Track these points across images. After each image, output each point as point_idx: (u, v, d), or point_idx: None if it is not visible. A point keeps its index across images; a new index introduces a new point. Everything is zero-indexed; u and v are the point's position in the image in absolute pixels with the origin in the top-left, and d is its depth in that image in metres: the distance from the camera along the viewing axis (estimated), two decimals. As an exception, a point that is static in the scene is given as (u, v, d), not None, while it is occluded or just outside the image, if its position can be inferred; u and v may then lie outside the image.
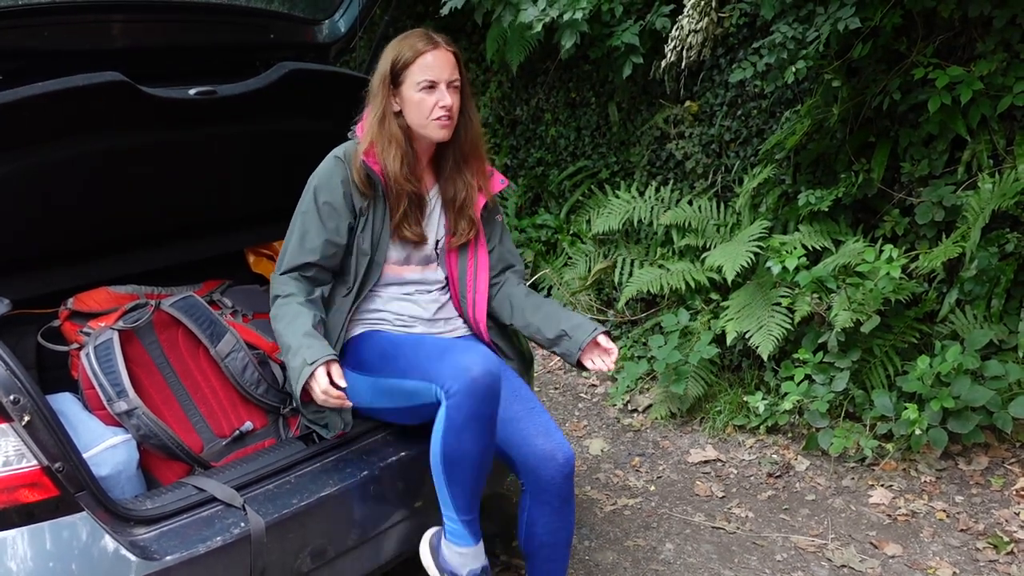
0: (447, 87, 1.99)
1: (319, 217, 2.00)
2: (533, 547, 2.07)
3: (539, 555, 2.07)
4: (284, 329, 1.92)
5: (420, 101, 1.98)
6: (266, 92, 2.27)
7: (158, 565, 1.59)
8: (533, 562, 2.09)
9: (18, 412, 1.52)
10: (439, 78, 1.97)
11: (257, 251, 2.74)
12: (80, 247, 2.32)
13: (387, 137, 2.01)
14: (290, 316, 1.93)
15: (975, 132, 2.99)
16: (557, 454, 1.99)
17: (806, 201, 3.24)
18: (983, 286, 2.98)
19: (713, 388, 3.43)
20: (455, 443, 1.81)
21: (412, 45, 1.99)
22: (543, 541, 2.05)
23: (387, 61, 2.01)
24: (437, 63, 1.98)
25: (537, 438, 2.00)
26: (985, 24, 2.97)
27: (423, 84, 1.97)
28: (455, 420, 1.79)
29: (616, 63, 3.70)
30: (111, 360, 1.98)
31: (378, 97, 2.03)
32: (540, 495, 2.01)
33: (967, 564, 2.51)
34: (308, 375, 1.81)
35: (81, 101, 1.96)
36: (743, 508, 2.86)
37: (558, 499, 2.01)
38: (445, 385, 1.81)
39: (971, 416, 2.82)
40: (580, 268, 4.08)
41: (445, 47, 2.00)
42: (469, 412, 1.78)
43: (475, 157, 2.13)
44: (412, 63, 1.98)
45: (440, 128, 2.00)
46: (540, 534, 2.04)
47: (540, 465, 1.99)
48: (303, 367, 1.83)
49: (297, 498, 1.83)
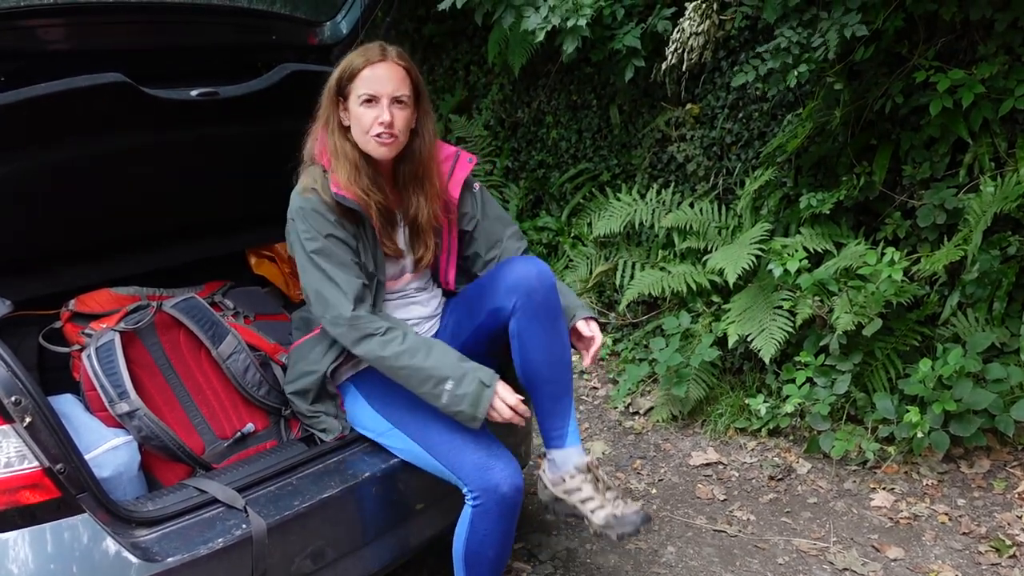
0: (390, 102, 1.90)
1: (335, 251, 1.92)
2: (531, 371, 2.00)
3: (539, 377, 2.00)
4: (424, 362, 1.84)
5: (360, 116, 1.91)
6: (268, 93, 2.27)
7: (159, 567, 1.59)
8: (537, 390, 2.02)
9: (20, 413, 1.52)
10: (380, 92, 1.90)
11: (258, 252, 2.74)
12: (82, 248, 2.32)
13: (339, 154, 1.94)
14: (418, 346, 1.86)
15: (977, 135, 2.99)
16: (532, 267, 1.98)
17: (807, 204, 3.24)
18: (985, 289, 2.98)
19: (714, 391, 3.43)
20: (478, 547, 1.91)
21: (359, 57, 1.92)
22: (540, 359, 1.98)
23: (335, 74, 1.95)
24: (381, 76, 1.90)
25: (515, 263, 2.02)
26: (987, 27, 2.97)
27: (364, 98, 1.90)
28: (479, 528, 1.90)
29: (618, 66, 3.70)
30: (113, 361, 1.98)
31: (324, 111, 1.97)
32: (529, 311, 1.96)
33: (969, 567, 2.51)
34: (492, 396, 1.83)
35: (83, 102, 1.96)
36: (745, 511, 2.85)
37: (545, 311, 1.96)
38: (471, 486, 1.88)
39: (973, 419, 2.82)
40: (581, 271, 4.08)
41: (395, 60, 1.93)
42: (495, 523, 1.89)
43: (428, 178, 2.04)
44: (357, 75, 1.91)
45: (379, 146, 1.92)
46: (535, 356, 1.98)
47: (520, 281, 1.97)
48: (481, 390, 1.82)
49: (299, 500, 1.82)
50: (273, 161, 2.55)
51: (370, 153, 1.95)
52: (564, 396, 2.01)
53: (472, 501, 1.88)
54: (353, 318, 1.88)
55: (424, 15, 4.93)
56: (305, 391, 2.05)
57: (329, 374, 2.03)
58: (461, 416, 1.84)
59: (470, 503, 1.89)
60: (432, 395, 1.85)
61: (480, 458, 1.88)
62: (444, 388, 1.83)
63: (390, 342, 1.87)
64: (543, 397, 2.01)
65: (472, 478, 1.87)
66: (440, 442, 1.91)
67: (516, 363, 2.01)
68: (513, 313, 1.97)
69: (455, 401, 1.83)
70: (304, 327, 2.14)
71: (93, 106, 2.00)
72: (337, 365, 2.03)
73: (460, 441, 1.90)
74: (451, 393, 1.83)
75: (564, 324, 2.01)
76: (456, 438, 1.90)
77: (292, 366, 2.10)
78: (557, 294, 1.99)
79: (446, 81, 5.10)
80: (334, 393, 2.08)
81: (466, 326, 2.11)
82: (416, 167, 2.03)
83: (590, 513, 1.94)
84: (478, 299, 2.07)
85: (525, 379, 2.02)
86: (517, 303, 1.96)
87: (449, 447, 1.90)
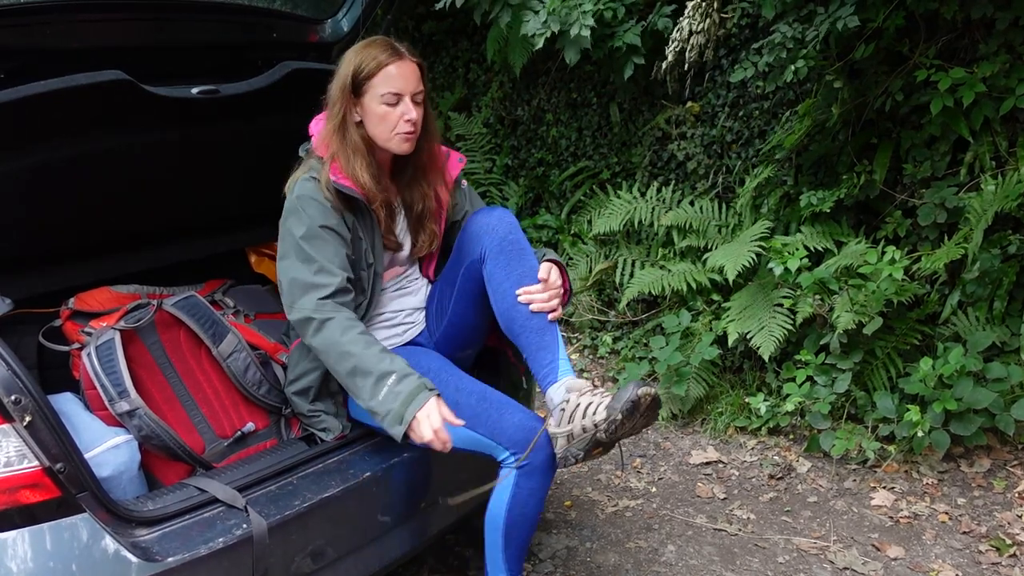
0: (411, 100, 1.93)
1: (327, 239, 1.91)
2: (509, 308, 1.97)
3: (519, 313, 1.96)
4: (364, 351, 1.82)
5: (384, 115, 1.93)
6: (269, 91, 2.27)
7: (159, 566, 1.58)
8: (520, 331, 1.97)
9: (19, 412, 1.51)
10: (404, 91, 1.92)
11: (259, 251, 2.73)
12: (82, 246, 2.32)
13: (351, 148, 1.95)
14: (364, 340, 1.84)
15: (977, 134, 2.99)
16: (492, 212, 2.03)
17: (808, 202, 3.24)
18: (985, 288, 2.98)
19: (714, 389, 3.43)
20: (519, 512, 1.91)
21: (375, 55, 1.92)
22: (515, 293, 1.96)
23: (348, 69, 1.94)
24: (402, 75, 1.92)
25: (475, 215, 2.06)
26: (988, 26, 2.97)
27: (387, 97, 1.92)
28: (524, 487, 1.89)
29: (618, 64, 3.69)
30: (113, 360, 1.97)
31: (337, 106, 1.96)
32: (494, 249, 1.98)
33: (970, 567, 2.51)
34: (424, 402, 1.77)
35: (84, 99, 1.96)
36: (745, 510, 2.85)
37: (511, 245, 1.98)
38: (516, 448, 1.88)
39: (973, 418, 2.82)
40: (581, 269, 4.08)
41: (410, 58, 1.95)
42: (540, 480, 1.90)
43: (433, 169, 2.09)
44: (376, 74, 1.91)
45: (403, 142, 1.96)
46: (510, 290, 1.97)
47: (482, 225, 2.00)
48: (420, 391, 1.78)
49: (299, 499, 1.82)
50: (274, 159, 2.54)
51: (392, 150, 1.98)
52: (548, 329, 1.97)
53: (515, 463, 1.88)
54: (320, 303, 1.86)
55: (424, 12, 4.91)
56: (306, 389, 2.05)
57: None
58: (388, 417, 1.78)
59: (514, 467, 1.88)
60: (370, 388, 1.80)
61: (520, 419, 1.89)
62: (386, 383, 1.79)
63: (349, 329, 1.84)
64: (528, 333, 1.96)
65: (517, 439, 1.87)
66: (475, 415, 1.90)
67: (496, 310, 2.00)
68: (484, 260, 1.99)
69: (390, 397, 1.78)
70: None
71: (93, 103, 1.99)
72: None
73: (495, 409, 1.91)
74: (390, 389, 1.79)
75: (535, 260, 2.01)
76: (489, 407, 1.91)
77: (294, 366, 2.09)
78: (521, 232, 2.02)
79: (446, 79, 5.09)
80: (335, 391, 2.07)
81: (447, 297, 2.11)
82: (424, 157, 2.06)
83: (592, 415, 1.81)
84: (452, 267, 2.10)
85: (506, 323, 1.99)
86: (484, 247, 1.99)
87: (487, 417, 1.90)
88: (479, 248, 2.00)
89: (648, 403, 1.80)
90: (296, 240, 1.90)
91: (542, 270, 1.99)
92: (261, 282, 2.68)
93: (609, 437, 1.81)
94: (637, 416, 1.79)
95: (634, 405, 1.78)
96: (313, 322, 1.86)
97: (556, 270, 2.02)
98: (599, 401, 1.82)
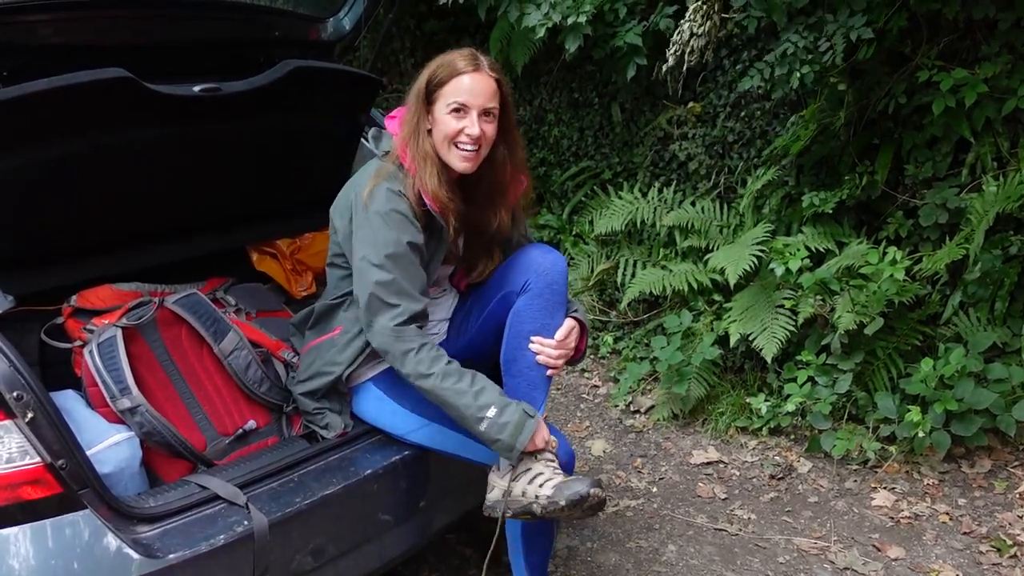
0: (479, 115, 1.87)
1: (412, 260, 1.87)
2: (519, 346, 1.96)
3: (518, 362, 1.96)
4: (470, 386, 1.81)
5: (446, 124, 1.88)
6: (270, 89, 2.26)
7: (161, 563, 1.59)
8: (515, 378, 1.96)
9: (21, 408, 1.52)
10: (471, 103, 1.86)
11: (260, 249, 2.73)
12: (83, 244, 2.31)
13: (421, 155, 1.90)
14: (462, 370, 1.83)
15: (979, 135, 2.99)
16: (549, 254, 2.01)
17: (809, 203, 3.24)
18: (987, 289, 2.98)
19: (715, 389, 3.43)
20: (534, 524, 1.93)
21: (451, 63, 1.88)
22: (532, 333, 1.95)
23: (424, 76, 1.91)
24: (473, 87, 1.86)
25: (531, 249, 2.03)
26: (990, 27, 2.97)
27: (453, 106, 1.86)
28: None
29: (619, 64, 3.69)
30: (114, 357, 1.97)
31: (411, 112, 1.93)
32: (536, 289, 1.96)
33: (970, 567, 2.51)
34: (535, 426, 1.80)
35: (85, 97, 1.96)
36: (745, 510, 2.85)
37: (551, 293, 1.96)
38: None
39: (974, 419, 2.82)
40: (583, 269, 4.08)
41: (487, 72, 1.88)
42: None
43: (504, 192, 2.02)
44: (447, 82, 1.87)
45: (462, 160, 1.89)
46: (528, 328, 1.96)
47: (535, 262, 1.98)
48: (524, 419, 1.80)
49: (300, 497, 1.82)
50: (275, 157, 2.56)
51: (448, 163, 1.92)
52: (540, 386, 1.97)
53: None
54: (399, 330, 1.83)
55: (426, 11, 4.91)
56: (316, 391, 2.05)
57: (345, 377, 2.01)
58: (499, 445, 1.81)
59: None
60: (471, 419, 1.80)
61: None
62: (486, 415, 1.79)
63: (437, 360, 1.82)
64: (520, 381, 1.96)
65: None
66: None
67: (505, 340, 1.98)
68: (523, 292, 1.97)
69: (496, 429, 1.79)
70: (320, 328, 2.11)
71: (95, 101, 1.99)
72: (355, 368, 2.01)
73: None
74: (492, 420, 1.79)
75: (564, 316, 2.00)
76: None
77: (307, 367, 2.08)
78: (566, 284, 2.00)
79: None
80: (343, 391, 2.07)
81: (475, 317, 2.10)
82: (495, 179, 2.00)
83: (539, 487, 1.82)
84: (490, 287, 2.07)
85: (508, 358, 1.97)
86: (529, 282, 1.96)
87: None
88: (522, 281, 1.97)
89: (594, 503, 1.81)
90: (382, 256, 1.85)
91: (563, 329, 1.97)
92: (262, 280, 2.68)
93: (543, 513, 1.82)
94: (578, 510, 1.81)
95: (581, 500, 1.78)
96: (396, 351, 1.83)
97: (576, 331, 2.02)
98: (550, 477, 1.83)
